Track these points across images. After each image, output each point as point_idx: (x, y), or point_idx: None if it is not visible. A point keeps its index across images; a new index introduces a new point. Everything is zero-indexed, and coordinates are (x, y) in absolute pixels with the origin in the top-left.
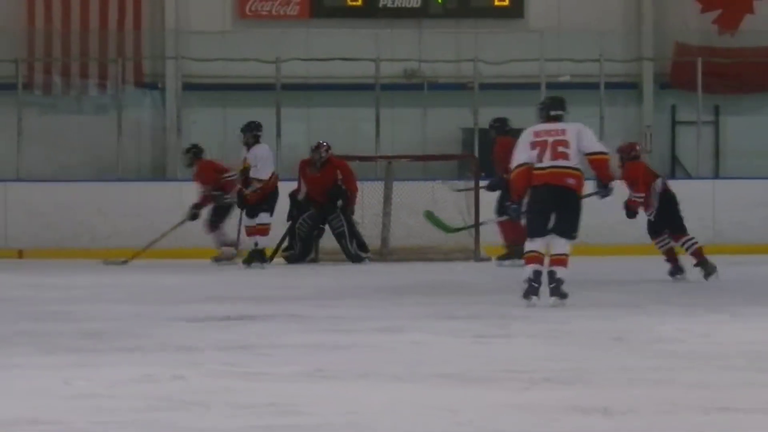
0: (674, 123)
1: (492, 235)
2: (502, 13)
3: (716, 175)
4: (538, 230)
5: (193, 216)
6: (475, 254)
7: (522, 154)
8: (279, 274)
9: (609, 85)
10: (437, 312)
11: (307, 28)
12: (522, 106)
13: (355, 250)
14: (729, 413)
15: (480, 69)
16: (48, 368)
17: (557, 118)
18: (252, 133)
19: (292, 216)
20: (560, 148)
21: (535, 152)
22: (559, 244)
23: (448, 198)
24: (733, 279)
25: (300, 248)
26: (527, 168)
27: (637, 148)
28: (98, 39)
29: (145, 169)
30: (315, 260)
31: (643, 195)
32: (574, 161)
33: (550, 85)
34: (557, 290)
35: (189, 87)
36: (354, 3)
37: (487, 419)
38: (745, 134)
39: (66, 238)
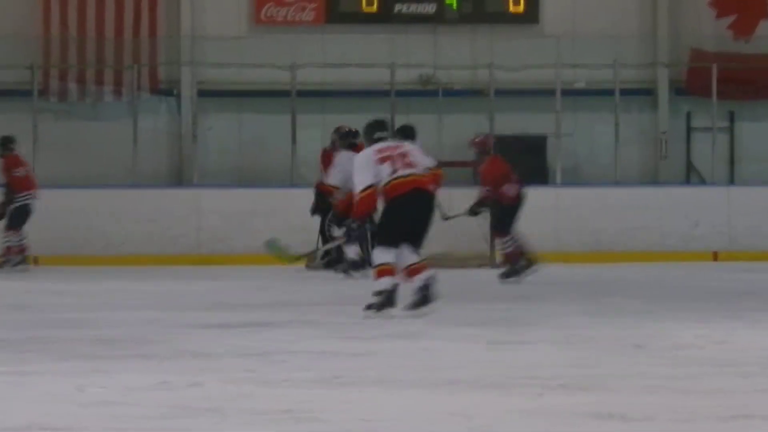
0: (689, 129)
1: None
2: (517, 18)
3: (731, 182)
4: (397, 240)
5: None
6: (490, 261)
7: (367, 175)
8: (295, 281)
9: (624, 92)
10: (452, 318)
11: (323, 34)
12: (537, 112)
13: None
14: (746, 420)
15: (495, 75)
16: (63, 375)
17: (383, 139)
18: (347, 140)
19: (316, 210)
20: (408, 159)
21: (386, 166)
22: (412, 254)
23: (464, 204)
24: (750, 285)
25: (336, 252)
26: (375, 189)
27: (490, 143)
28: (114, 46)
29: (161, 176)
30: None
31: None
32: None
33: (566, 91)
34: (431, 295)
35: (204, 93)
36: (369, 9)
37: (502, 425)
38: (760, 140)
39: (81, 244)
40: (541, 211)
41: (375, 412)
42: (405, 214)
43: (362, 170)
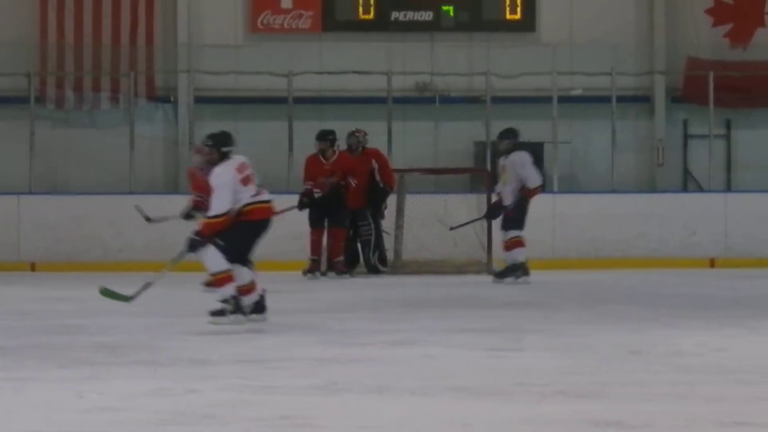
0: (686, 137)
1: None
2: (514, 26)
3: (728, 189)
4: (235, 259)
5: None
6: (487, 267)
7: (227, 198)
8: (291, 287)
9: (621, 99)
10: (450, 325)
11: (320, 41)
12: (534, 120)
13: (375, 261)
14: (745, 427)
15: (492, 82)
16: (61, 381)
17: (231, 153)
18: (511, 140)
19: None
20: (254, 178)
21: (250, 188)
22: (249, 272)
23: (461, 210)
24: (747, 293)
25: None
26: (229, 216)
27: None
28: (110, 53)
29: (158, 183)
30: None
31: None
32: None
33: (562, 99)
34: (264, 307)
35: (201, 100)
36: (366, 16)
37: None
38: (756, 148)
39: (78, 251)
40: (538, 218)
41: (373, 419)
42: (253, 238)
43: (224, 191)
